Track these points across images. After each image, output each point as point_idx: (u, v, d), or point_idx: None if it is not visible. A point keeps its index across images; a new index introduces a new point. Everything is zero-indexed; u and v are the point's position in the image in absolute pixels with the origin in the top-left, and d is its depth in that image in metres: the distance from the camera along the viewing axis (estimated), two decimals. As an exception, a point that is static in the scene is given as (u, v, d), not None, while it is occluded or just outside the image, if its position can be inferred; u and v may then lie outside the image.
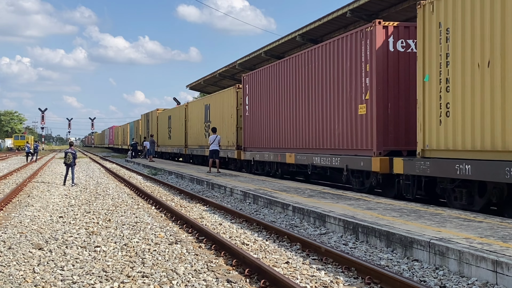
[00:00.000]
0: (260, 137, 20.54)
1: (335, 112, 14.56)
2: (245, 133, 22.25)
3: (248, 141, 21.96)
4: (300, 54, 16.99)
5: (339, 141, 14.35)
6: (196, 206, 12.80)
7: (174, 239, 8.47)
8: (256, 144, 20.96)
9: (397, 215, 9.00)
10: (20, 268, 6.62)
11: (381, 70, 12.54)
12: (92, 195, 15.35)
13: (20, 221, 10.38)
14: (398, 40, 12.62)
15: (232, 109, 23.77)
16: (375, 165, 12.30)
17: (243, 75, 22.75)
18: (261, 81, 20.32)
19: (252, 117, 21.33)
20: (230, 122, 24.02)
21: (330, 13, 18.91)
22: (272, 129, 19.27)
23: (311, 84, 16.06)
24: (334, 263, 6.74)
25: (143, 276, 6.22)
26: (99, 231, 9.22)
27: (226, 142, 24.47)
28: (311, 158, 15.74)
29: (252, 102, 21.44)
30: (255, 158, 20.81)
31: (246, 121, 22.10)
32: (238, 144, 23.01)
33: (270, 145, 19.49)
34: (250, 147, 21.72)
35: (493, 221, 8.18)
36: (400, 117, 12.65)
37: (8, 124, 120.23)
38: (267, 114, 19.72)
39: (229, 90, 24.78)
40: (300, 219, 10.32)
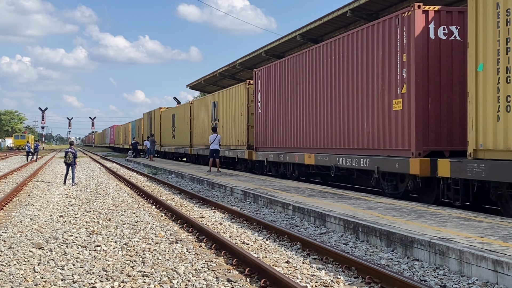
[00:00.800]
0: (274, 136, 19.16)
1: (364, 108, 13.21)
2: (257, 132, 20.88)
3: (260, 141, 20.57)
4: (321, 46, 15.63)
5: (369, 140, 13.02)
6: (197, 206, 12.80)
7: (175, 238, 8.47)
8: (269, 144, 19.63)
9: (397, 214, 9.00)
10: (20, 267, 6.62)
11: (420, 60, 11.20)
12: (93, 195, 15.35)
13: (21, 221, 10.38)
14: (440, 26, 11.24)
15: (243, 107, 22.45)
16: (414, 167, 11.01)
17: (255, 70, 21.37)
18: (276, 76, 18.93)
19: (266, 115, 19.95)
20: (240, 121, 22.80)
21: (331, 13, 18.91)
22: (289, 127, 17.89)
23: (334, 77, 14.71)
24: (335, 262, 6.74)
25: (143, 275, 6.22)
26: (99, 231, 9.22)
27: (236, 142, 23.44)
28: (334, 159, 14.44)
29: (265, 98, 20.01)
30: (269, 159, 19.46)
31: (258, 119, 20.70)
32: (249, 144, 21.77)
33: (285, 144, 18.13)
34: (262, 147, 20.34)
35: (493, 221, 8.17)
36: (442, 113, 11.32)
37: (9, 124, 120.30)
38: (283, 111, 18.34)
39: (239, 86, 23.45)
40: (301, 218, 10.32)
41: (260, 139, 20.58)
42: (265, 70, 20.08)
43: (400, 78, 11.82)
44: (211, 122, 27.02)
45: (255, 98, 20.99)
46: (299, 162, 16.75)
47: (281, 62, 18.53)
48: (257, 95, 20.76)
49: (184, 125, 33.65)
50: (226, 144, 24.48)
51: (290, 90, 17.73)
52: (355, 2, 17.24)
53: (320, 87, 15.62)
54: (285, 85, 18.14)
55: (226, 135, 24.49)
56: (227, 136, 24.44)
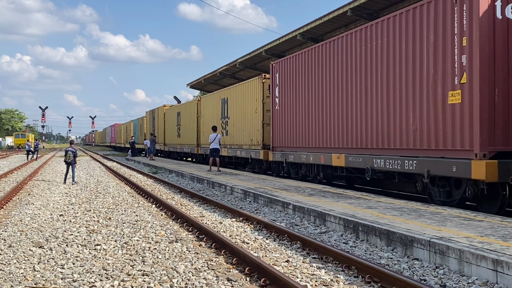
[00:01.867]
0: (295, 135, 17.29)
1: (409, 102, 11.49)
2: (274, 131, 18.96)
3: (278, 140, 18.65)
4: (353, 33, 13.82)
5: (415, 139, 11.29)
6: (197, 205, 12.80)
7: (175, 237, 8.47)
8: (289, 143, 17.75)
9: (397, 214, 9.00)
10: (20, 266, 6.62)
11: (486, 44, 9.54)
12: (93, 194, 15.36)
13: (21, 219, 10.39)
14: (508, 4, 9.66)
15: (257, 103, 20.70)
16: (478, 171, 9.40)
17: (271, 62, 19.43)
18: (298, 68, 17.04)
19: (284, 112, 18.09)
20: (254, 118, 20.98)
21: (331, 12, 18.89)
22: (312, 125, 16.05)
23: (370, 67, 12.97)
24: (334, 261, 6.74)
25: (143, 274, 6.22)
26: (99, 230, 9.22)
27: (249, 141, 21.63)
28: (370, 160, 12.69)
29: (284, 93, 18.12)
30: (288, 160, 17.66)
31: (276, 117, 18.80)
32: (264, 143, 20.01)
33: (308, 144, 16.27)
34: (280, 147, 18.47)
35: (493, 220, 8.17)
36: (511, 107, 9.70)
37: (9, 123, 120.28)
38: (306, 107, 16.51)
39: (253, 81, 21.55)
40: (301, 218, 10.32)
41: (277, 138, 18.75)
42: (284, 62, 18.17)
43: (458, 66, 10.16)
44: (220, 120, 25.62)
45: (272, 93, 19.14)
46: (325, 163, 15.07)
47: (304, 52, 16.72)
48: (274, 90, 18.91)
49: (191, 123, 32.03)
50: (238, 143, 23.08)
51: (315, 83, 15.92)
52: (355, 2, 17.23)
53: (352, 79, 13.81)
54: (309, 77, 16.33)
55: (237, 134, 23.09)
56: (239, 135, 22.92)
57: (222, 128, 25.24)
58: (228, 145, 24.37)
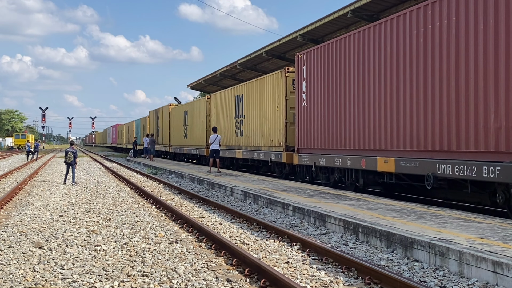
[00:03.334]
0: (326, 135, 15.24)
1: (489, 92, 9.41)
2: (300, 130, 16.89)
3: (305, 141, 16.58)
4: (413, 10, 11.50)
5: (498, 139, 9.23)
6: (196, 206, 12.80)
7: (174, 238, 8.47)
8: (319, 144, 15.71)
9: (397, 215, 9.00)
10: (20, 266, 6.62)
11: None
12: (93, 194, 15.35)
13: (21, 220, 10.38)
14: None
15: (279, 100, 18.64)
16: None
17: (297, 53, 17.26)
18: (331, 59, 15.02)
19: (313, 108, 16.04)
20: (276, 117, 18.99)
21: (331, 13, 18.91)
22: (351, 123, 13.97)
23: (432, 49, 10.79)
24: (334, 263, 6.74)
25: (143, 275, 6.22)
26: (99, 230, 9.22)
27: (268, 142, 19.70)
28: (431, 165, 10.54)
29: (313, 88, 16.06)
30: (318, 163, 15.50)
31: (302, 114, 16.76)
32: (287, 145, 18.03)
33: (345, 145, 14.24)
34: (308, 148, 16.42)
35: (493, 222, 8.17)
36: None
37: (9, 123, 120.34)
38: (341, 103, 14.44)
39: (274, 75, 19.45)
40: (301, 219, 10.31)
41: (304, 138, 16.65)
42: (314, 52, 16.06)
43: None
44: (234, 119, 23.69)
45: (298, 89, 17.04)
46: (368, 168, 12.91)
47: (339, 40, 14.66)
48: (301, 85, 16.81)
49: (199, 123, 29.82)
50: (255, 145, 21.18)
51: (354, 73, 13.78)
52: (356, 3, 17.25)
53: (405, 68, 11.61)
54: (346, 67, 14.21)
55: (255, 134, 21.28)
56: (256, 135, 21.03)
57: (236, 128, 23.49)
58: (243, 146, 22.65)
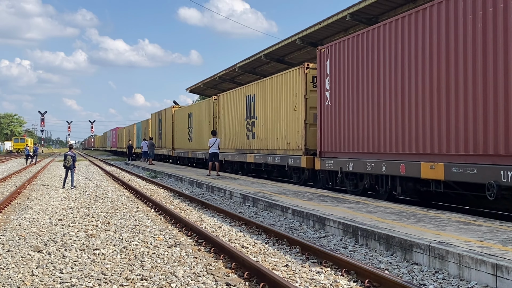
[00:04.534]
0: (355, 137, 13.68)
1: None
2: (323, 132, 15.37)
3: (329, 143, 15.06)
4: None
5: None
6: (196, 209, 12.78)
7: (173, 242, 8.45)
8: (345, 147, 14.17)
9: (396, 218, 8.99)
10: (19, 270, 6.60)
11: None
12: (92, 198, 15.33)
13: (19, 224, 10.37)
14: None
15: (297, 99, 17.16)
16: None
17: (319, 47, 15.77)
18: (362, 51, 13.43)
19: (339, 107, 14.51)
20: (293, 117, 17.51)
21: (330, 17, 18.94)
22: (385, 123, 12.33)
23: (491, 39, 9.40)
24: (334, 266, 6.73)
25: (142, 279, 6.21)
26: (98, 234, 9.20)
27: (285, 145, 18.17)
28: (494, 172, 9.16)
29: (338, 85, 14.54)
30: (345, 169, 13.96)
31: (325, 114, 15.24)
32: (307, 148, 16.62)
33: (379, 148, 12.59)
34: (332, 152, 14.88)
35: (492, 225, 8.17)
36: None
37: (8, 127, 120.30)
38: (373, 101, 12.85)
39: (291, 72, 17.87)
40: (300, 222, 10.30)
41: (328, 141, 15.13)
42: (340, 45, 14.56)
43: None
44: (245, 121, 22.29)
45: (320, 86, 15.58)
46: (408, 175, 11.38)
47: (371, 31, 13.09)
48: (323, 82, 15.39)
49: (206, 125, 28.19)
50: (269, 148, 19.59)
51: (391, 69, 12.20)
52: (354, 6, 17.29)
53: (465, 56, 10.04)
54: (378, 62, 12.69)
55: (269, 137, 19.78)
56: (271, 138, 19.53)
57: (248, 130, 21.98)
58: (255, 150, 21.17)
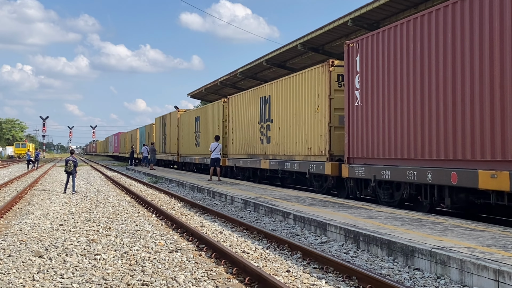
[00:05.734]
0: (392, 141, 12.11)
1: None
2: (351, 135, 13.92)
3: (359, 148, 13.55)
4: None
5: None
6: (197, 214, 12.77)
7: (175, 247, 8.44)
8: (379, 153, 12.60)
9: (398, 224, 8.97)
10: (19, 275, 6.60)
11: None
12: (93, 203, 15.33)
13: (20, 229, 10.36)
14: None
15: (320, 100, 15.73)
16: None
17: (346, 42, 14.32)
18: (401, 44, 11.77)
19: (371, 108, 12.96)
20: (315, 120, 16.09)
21: (331, 22, 18.95)
22: (431, 126, 10.82)
23: None
24: (335, 271, 6.71)
25: (143, 284, 6.20)
26: (99, 239, 9.19)
27: (305, 150, 16.70)
28: None
29: (371, 83, 12.97)
30: (379, 177, 12.42)
31: (355, 116, 13.76)
32: (331, 153, 15.16)
33: (422, 154, 11.04)
34: (363, 158, 13.38)
35: (494, 230, 8.15)
36: None
37: (9, 132, 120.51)
38: (415, 101, 11.28)
39: (312, 70, 16.53)
40: (301, 227, 10.29)
41: (358, 145, 13.64)
42: (373, 39, 13.01)
43: None
44: (259, 124, 20.97)
45: (348, 85, 14.09)
46: (462, 184, 9.88)
47: (412, 21, 11.46)
48: (352, 80, 13.89)
49: (214, 129, 26.80)
50: (287, 153, 18.13)
51: (437, 62, 10.64)
52: (356, 12, 17.30)
53: None
54: (422, 56, 11.12)
55: (286, 142, 18.25)
56: (289, 142, 18.05)
57: (262, 134, 20.70)
58: (270, 155, 19.81)
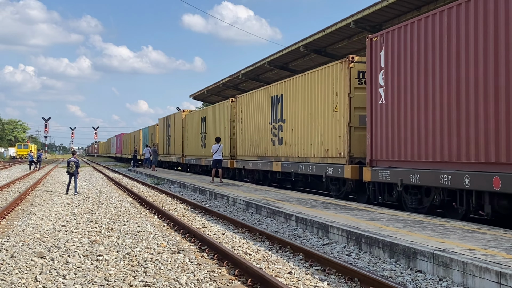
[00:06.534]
0: (422, 142, 11.10)
1: None
2: (375, 136, 12.86)
3: (383, 150, 12.50)
4: None
5: None
6: (199, 216, 12.78)
7: (177, 248, 8.45)
8: (407, 154, 11.61)
9: (400, 226, 8.97)
10: (22, 276, 6.61)
11: None
12: (95, 204, 15.34)
13: (23, 230, 10.38)
14: None
15: (339, 98, 14.79)
16: None
17: (369, 36, 13.24)
18: (432, 37, 10.82)
19: (398, 107, 11.99)
20: (333, 120, 15.13)
21: (334, 24, 18.98)
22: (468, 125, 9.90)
23: None
24: (337, 273, 6.71)
25: (145, 285, 6.20)
26: (101, 240, 9.20)
27: (322, 152, 15.72)
28: None
29: (397, 79, 12.00)
30: (407, 181, 11.44)
31: (378, 115, 12.72)
32: (351, 155, 14.21)
33: (457, 156, 10.15)
34: (388, 160, 12.34)
35: (497, 233, 8.14)
36: None
37: (12, 133, 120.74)
38: (449, 98, 10.37)
39: (329, 67, 15.54)
40: (303, 229, 10.29)
41: (382, 147, 12.56)
42: (400, 31, 11.98)
43: None
44: (270, 125, 20.14)
45: (371, 82, 13.05)
46: (506, 190, 8.86)
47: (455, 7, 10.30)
48: (376, 77, 12.87)
49: (221, 130, 26.13)
50: (301, 155, 17.22)
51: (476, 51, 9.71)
52: (358, 14, 17.33)
53: None
54: (458, 48, 10.17)
55: (300, 143, 17.41)
56: (303, 143, 17.21)
57: (273, 135, 19.79)
58: (282, 157, 18.88)
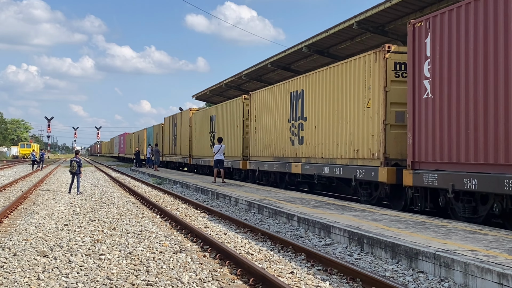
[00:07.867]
0: (478, 141, 9.58)
1: None
2: (419, 135, 11.20)
3: (428, 151, 10.88)
4: None
5: None
6: (201, 216, 12.79)
7: (179, 247, 8.47)
8: (458, 156, 10.04)
9: (402, 226, 8.97)
10: (25, 275, 6.63)
11: None
12: (97, 204, 15.37)
13: (25, 228, 10.41)
14: None
15: (372, 93, 13.19)
16: None
17: (411, 21, 11.58)
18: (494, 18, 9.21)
19: (448, 101, 10.34)
20: (365, 117, 13.57)
21: (337, 25, 18.96)
22: None
23: None
24: (339, 274, 6.72)
25: (147, 284, 6.22)
26: (104, 239, 9.23)
27: (351, 153, 14.24)
28: None
29: (448, 70, 10.38)
30: (460, 187, 9.87)
31: (423, 111, 11.04)
32: (387, 156, 12.62)
33: None
34: (434, 163, 10.71)
35: (498, 234, 8.14)
36: None
37: (14, 133, 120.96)
38: None
39: (361, 58, 13.91)
40: (305, 229, 10.30)
41: (428, 147, 10.94)
42: (450, 15, 10.39)
43: None
44: (289, 123, 18.55)
45: (414, 73, 11.37)
46: None
47: None
48: (420, 67, 11.19)
49: (233, 129, 24.98)
50: (326, 156, 15.69)
51: None
52: (361, 15, 17.31)
53: None
54: None
55: (324, 142, 15.86)
56: (327, 143, 15.65)
57: (292, 134, 18.25)
58: (303, 158, 17.31)
